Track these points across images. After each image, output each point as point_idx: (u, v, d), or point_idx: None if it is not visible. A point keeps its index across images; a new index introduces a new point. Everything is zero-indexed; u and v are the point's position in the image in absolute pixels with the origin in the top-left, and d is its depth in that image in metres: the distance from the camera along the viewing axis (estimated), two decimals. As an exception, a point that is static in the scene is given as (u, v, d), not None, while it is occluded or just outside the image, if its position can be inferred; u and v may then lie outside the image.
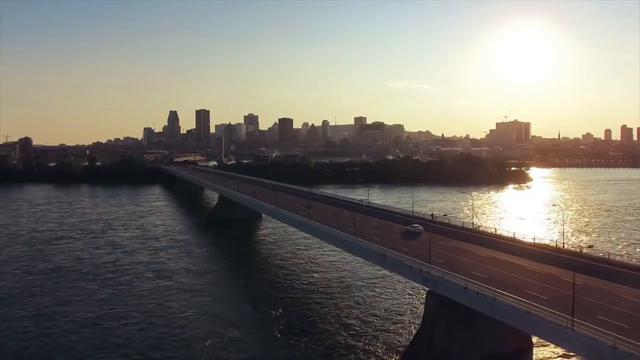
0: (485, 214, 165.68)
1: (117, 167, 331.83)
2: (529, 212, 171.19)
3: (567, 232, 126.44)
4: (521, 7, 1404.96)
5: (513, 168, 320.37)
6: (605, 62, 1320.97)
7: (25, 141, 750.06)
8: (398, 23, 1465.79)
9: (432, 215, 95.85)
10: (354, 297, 79.66)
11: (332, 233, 79.27)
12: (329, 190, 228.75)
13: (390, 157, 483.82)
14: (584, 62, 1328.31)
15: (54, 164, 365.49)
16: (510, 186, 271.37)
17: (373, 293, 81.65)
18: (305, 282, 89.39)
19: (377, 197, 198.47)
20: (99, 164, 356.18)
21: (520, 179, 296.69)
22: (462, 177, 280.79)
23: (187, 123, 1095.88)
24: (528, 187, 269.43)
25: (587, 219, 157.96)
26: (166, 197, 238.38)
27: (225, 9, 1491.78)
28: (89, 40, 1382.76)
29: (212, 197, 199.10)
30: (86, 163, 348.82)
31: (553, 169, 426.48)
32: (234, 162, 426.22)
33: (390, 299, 78.30)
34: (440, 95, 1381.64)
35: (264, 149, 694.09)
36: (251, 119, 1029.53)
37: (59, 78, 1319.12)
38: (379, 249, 65.12)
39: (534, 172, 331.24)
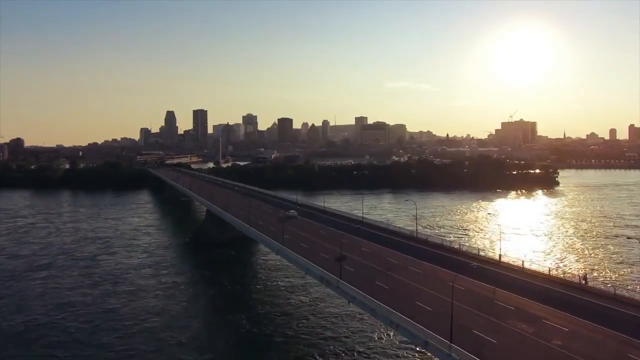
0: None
1: (101, 170, 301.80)
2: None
3: None
4: (521, 7, 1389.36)
5: (537, 170, 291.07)
6: (604, 61, 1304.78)
7: (17, 142, 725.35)
8: (397, 23, 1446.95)
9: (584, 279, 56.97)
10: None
11: (400, 323, 44.89)
12: (336, 200, 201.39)
13: (396, 158, 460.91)
14: (584, 61, 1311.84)
15: (34, 166, 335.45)
16: (539, 192, 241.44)
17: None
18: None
19: (427, 215, 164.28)
20: (83, 165, 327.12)
21: (546, 183, 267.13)
22: (481, 180, 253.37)
23: (184, 123, 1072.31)
24: (562, 194, 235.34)
25: None
26: (153, 207, 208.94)
27: (223, 9, 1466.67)
28: (87, 41, 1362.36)
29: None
30: (67, 166, 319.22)
31: (567, 170, 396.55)
32: (230, 164, 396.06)
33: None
34: (439, 95, 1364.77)
35: (262, 149, 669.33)
36: (250, 119, 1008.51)
37: (57, 78, 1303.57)
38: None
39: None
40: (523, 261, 61.76)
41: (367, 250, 73.01)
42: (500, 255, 63.78)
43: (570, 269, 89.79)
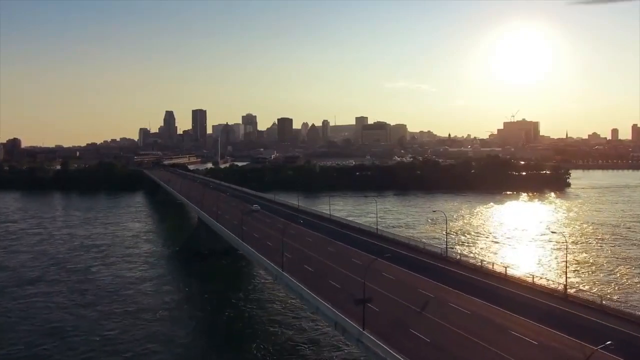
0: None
1: (94, 171, 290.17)
2: None
3: None
4: (521, 7, 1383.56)
5: (547, 171, 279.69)
6: (605, 61, 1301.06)
7: (14, 142, 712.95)
8: (397, 23, 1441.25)
9: None
10: None
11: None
12: (344, 204, 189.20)
13: (397, 158, 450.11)
14: (584, 61, 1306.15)
15: (25, 167, 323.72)
16: (552, 194, 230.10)
17: None
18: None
19: (443, 220, 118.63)
20: (75, 166, 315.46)
21: (557, 185, 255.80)
22: (488, 181, 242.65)
23: (184, 123, 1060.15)
24: (579, 196, 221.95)
25: None
26: (148, 210, 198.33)
27: (223, 9, 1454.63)
28: (86, 41, 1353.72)
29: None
30: (58, 167, 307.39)
31: (574, 171, 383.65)
32: (227, 165, 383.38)
33: None
34: (439, 95, 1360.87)
35: (262, 150, 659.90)
36: (249, 119, 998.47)
37: (55, 79, 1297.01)
38: None
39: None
40: (601, 296, 46.86)
41: (391, 277, 57.45)
42: (565, 286, 47.76)
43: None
